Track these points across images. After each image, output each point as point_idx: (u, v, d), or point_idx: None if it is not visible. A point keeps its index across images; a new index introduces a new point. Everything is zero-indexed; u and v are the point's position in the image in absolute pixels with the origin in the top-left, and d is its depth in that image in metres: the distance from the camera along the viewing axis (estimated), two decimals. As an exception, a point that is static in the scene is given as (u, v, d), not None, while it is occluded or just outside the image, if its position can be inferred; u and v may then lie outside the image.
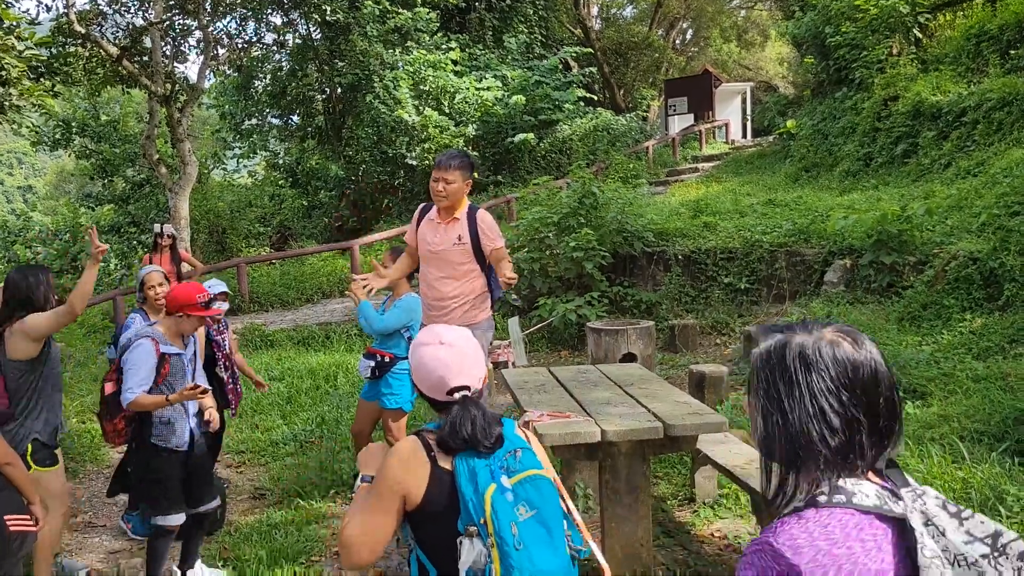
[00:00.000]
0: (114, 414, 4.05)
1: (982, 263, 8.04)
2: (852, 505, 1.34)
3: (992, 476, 4.47)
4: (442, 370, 2.14)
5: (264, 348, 11.42)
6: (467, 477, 2.02)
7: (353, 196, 22.17)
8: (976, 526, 1.30)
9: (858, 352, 1.41)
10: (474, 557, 1.95)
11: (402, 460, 2.07)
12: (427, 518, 2.06)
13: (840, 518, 1.33)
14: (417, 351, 2.20)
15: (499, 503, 1.98)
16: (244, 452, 7.04)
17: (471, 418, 2.08)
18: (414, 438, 2.12)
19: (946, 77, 14.57)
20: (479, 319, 4.83)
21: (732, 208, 13.07)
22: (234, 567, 4.57)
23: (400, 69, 20.38)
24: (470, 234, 4.75)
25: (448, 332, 2.22)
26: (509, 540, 1.94)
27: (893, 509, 1.33)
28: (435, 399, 2.18)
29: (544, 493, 2.09)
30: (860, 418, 1.38)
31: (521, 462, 2.10)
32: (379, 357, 5.38)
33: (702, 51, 33.53)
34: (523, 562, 1.95)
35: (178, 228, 16.15)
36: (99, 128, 22.27)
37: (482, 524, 1.96)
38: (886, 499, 1.34)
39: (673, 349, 9.65)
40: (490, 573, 1.94)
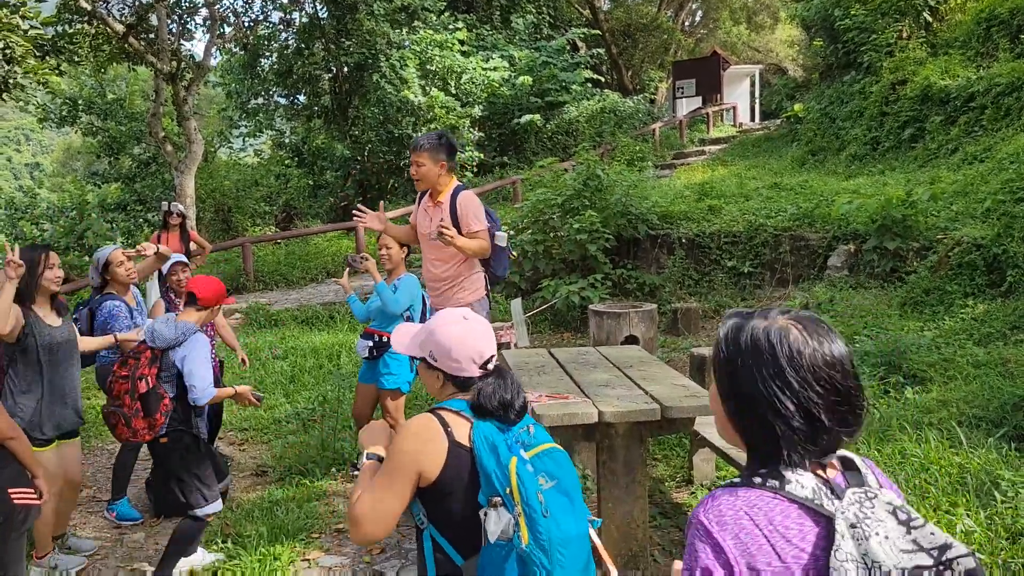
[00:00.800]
0: (154, 409, 3.94)
1: (986, 249, 8.03)
2: (784, 492, 1.36)
3: (988, 462, 4.49)
4: (480, 342, 2.19)
5: (268, 327, 11.48)
6: (488, 451, 2.05)
7: (359, 176, 22.17)
8: (925, 536, 1.29)
9: (808, 340, 1.40)
10: (502, 527, 1.98)
11: (418, 437, 2.09)
12: (443, 494, 2.07)
13: (768, 502, 1.36)
14: (440, 332, 2.20)
15: (524, 474, 2.03)
16: (247, 430, 7.10)
17: (509, 384, 2.16)
18: (428, 415, 2.14)
19: (955, 61, 14.49)
20: (469, 300, 4.87)
21: (737, 192, 13.05)
22: (235, 543, 4.62)
23: (407, 49, 20.31)
24: (451, 217, 4.80)
25: (462, 311, 2.27)
26: (537, 508, 1.99)
27: (824, 506, 1.34)
28: (466, 376, 2.19)
29: (562, 464, 2.15)
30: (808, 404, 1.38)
31: (535, 437, 2.16)
32: (377, 337, 5.41)
33: (711, 33, 33.30)
34: (551, 528, 2.00)
35: (184, 207, 16.19)
36: (105, 106, 22.29)
37: (508, 494, 2.00)
38: (822, 495, 1.35)
39: (675, 332, 9.67)
40: (518, 540, 1.98)
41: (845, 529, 1.29)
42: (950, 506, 4.12)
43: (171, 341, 3.99)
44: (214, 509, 4.16)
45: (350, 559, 4.48)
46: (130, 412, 3.93)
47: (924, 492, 4.31)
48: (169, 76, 16.49)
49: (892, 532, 1.29)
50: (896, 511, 1.32)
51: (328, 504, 5.25)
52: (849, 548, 1.28)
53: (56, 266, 4.28)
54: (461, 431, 2.10)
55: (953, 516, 4.00)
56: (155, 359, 3.99)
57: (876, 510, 1.32)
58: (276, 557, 4.39)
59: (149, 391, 3.93)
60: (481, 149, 20.47)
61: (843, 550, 1.28)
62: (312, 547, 4.63)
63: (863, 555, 1.27)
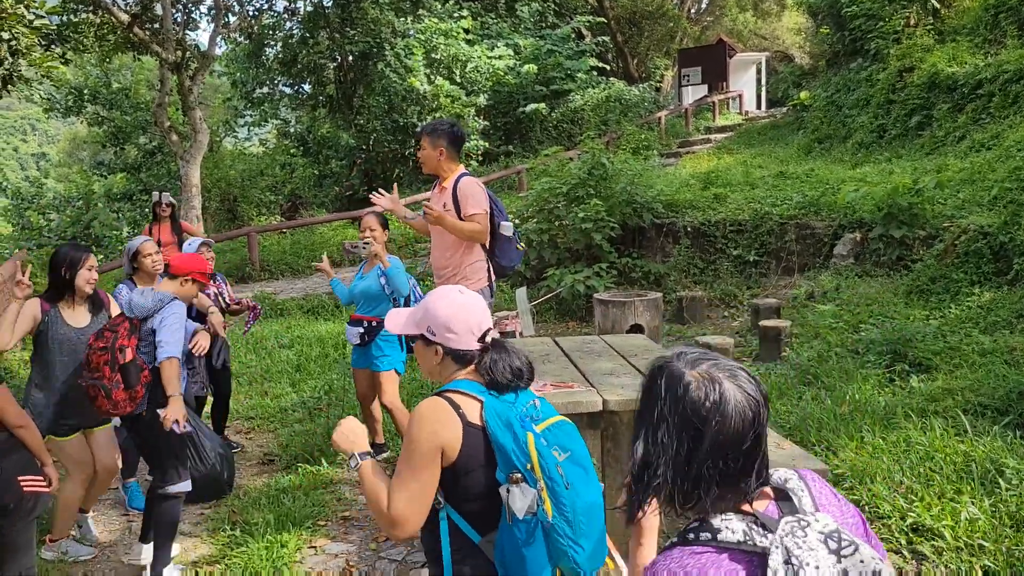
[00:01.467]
0: (135, 380, 3.88)
1: (992, 237, 8.00)
2: (716, 543, 1.36)
3: (993, 449, 4.50)
4: (471, 314, 2.20)
5: (274, 316, 11.51)
6: (503, 428, 2.07)
7: (364, 165, 22.15)
8: (855, 564, 1.27)
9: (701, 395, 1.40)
10: (528, 502, 2.01)
11: (432, 417, 2.10)
12: (460, 474, 2.09)
13: (701, 557, 1.35)
14: (436, 308, 2.22)
15: (541, 448, 2.05)
16: (253, 418, 7.13)
17: (511, 354, 2.18)
18: (436, 398, 2.15)
19: (963, 48, 14.40)
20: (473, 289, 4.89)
21: (743, 180, 13.01)
22: (243, 530, 4.65)
23: (411, 37, 20.26)
24: (453, 202, 4.85)
25: (456, 287, 2.30)
26: (559, 480, 2.03)
27: (757, 543, 1.33)
28: (468, 348, 2.20)
29: (572, 436, 2.18)
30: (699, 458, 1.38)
31: (541, 411, 2.17)
32: (366, 323, 5.44)
33: (717, 20, 33.10)
34: (574, 499, 2.04)
35: (189, 196, 16.22)
36: (111, 95, 22.31)
37: (528, 470, 2.03)
38: (753, 533, 1.35)
39: (681, 321, 9.67)
40: (543, 514, 2.02)
41: (779, 565, 1.28)
42: (955, 494, 4.13)
43: (147, 310, 3.95)
44: (184, 488, 4.08)
45: (356, 546, 4.51)
46: (110, 384, 3.85)
47: (929, 480, 4.32)
48: (174, 65, 16.48)
49: (823, 562, 1.27)
50: (827, 539, 1.30)
51: (334, 492, 5.27)
52: None
53: (93, 268, 4.37)
54: (472, 412, 2.11)
55: (958, 504, 4.01)
56: (134, 329, 3.93)
57: (808, 538, 1.30)
58: (283, 545, 4.42)
59: (129, 363, 3.86)
60: (486, 138, 20.44)
61: None
62: (319, 535, 4.66)
63: None
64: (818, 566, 1.27)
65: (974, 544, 3.74)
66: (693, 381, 1.41)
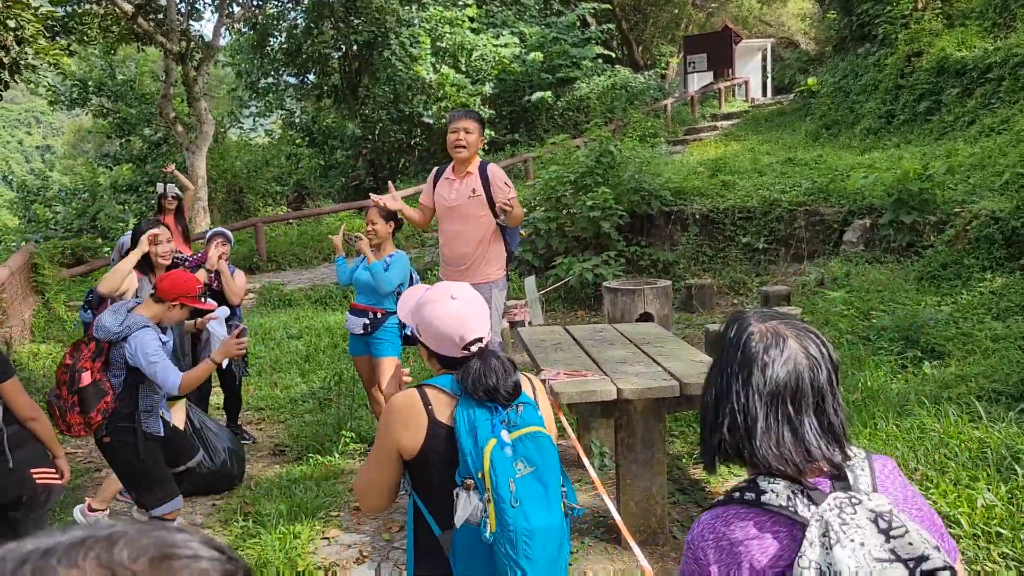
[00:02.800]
0: (91, 406, 3.67)
1: (1004, 222, 7.94)
2: (759, 504, 1.37)
3: (1009, 436, 4.46)
4: (459, 323, 2.12)
5: (282, 307, 11.51)
6: (467, 430, 2.01)
7: (370, 155, 22.13)
8: (903, 546, 1.26)
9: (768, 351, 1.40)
10: (470, 511, 1.97)
11: (396, 416, 2.10)
12: (425, 468, 2.09)
13: (744, 516, 1.38)
14: (426, 308, 2.16)
15: (498, 459, 1.98)
16: (264, 409, 7.13)
17: (493, 368, 2.08)
18: (412, 391, 2.13)
19: (972, 32, 14.29)
20: (494, 276, 4.94)
21: (751, 167, 12.95)
22: (256, 521, 4.65)
23: (417, 26, 20.18)
24: (483, 186, 4.92)
25: (457, 288, 2.20)
26: (506, 497, 1.95)
27: (799, 512, 1.34)
28: (449, 355, 2.16)
29: (544, 450, 2.09)
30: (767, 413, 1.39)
31: (522, 417, 2.10)
32: (371, 314, 5.43)
33: (722, 7, 32.89)
34: (518, 519, 1.95)
35: (196, 187, 16.20)
36: (116, 87, 22.29)
37: (480, 478, 1.97)
38: (796, 501, 1.35)
39: (690, 309, 9.63)
40: (485, 527, 1.95)
41: (815, 536, 1.29)
42: (970, 480, 4.10)
43: (113, 335, 3.70)
44: (171, 508, 3.93)
45: (369, 537, 4.50)
46: (65, 405, 3.69)
47: (944, 467, 4.29)
48: (179, 56, 16.46)
49: (869, 539, 1.27)
50: (878, 519, 1.29)
51: (345, 483, 5.26)
52: (814, 555, 1.27)
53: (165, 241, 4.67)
54: (443, 409, 2.09)
55: (973, 491, 3.98)
56: (100, 352, 3.72)
57: (856, 516, 1.30)
58: (296, 535, 4.42)
59: (88, 386, 3.67)
60: (492, 127, 20.37)
61: (807, 557, 1.27)
62: (331, 525, 4.66)
63: (828, 564, 1.26)
64: (863, 543, 1.26)
65: (991, 531, 3.71)
66: (757, 332, 1.43)
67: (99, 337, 3.75)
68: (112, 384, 3.76)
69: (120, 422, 3.78)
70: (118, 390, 3.77)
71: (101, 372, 3.73)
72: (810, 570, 1.26)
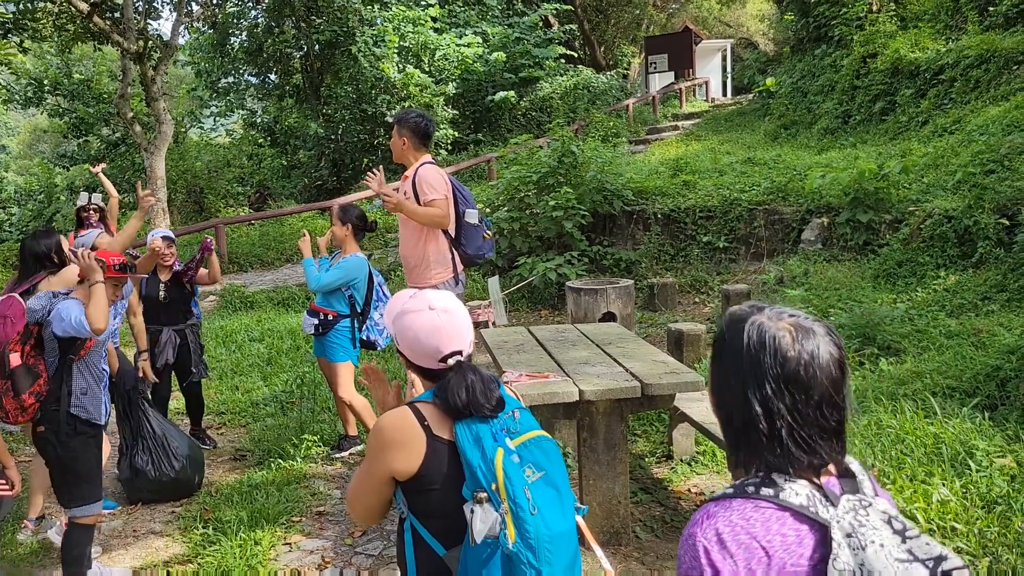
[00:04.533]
0: (23, 387, 3.60)
1: (957, 221, 8.11)
2: (778, 501, 1.34)
3: (963, 431, 4.56)
4: (434, 337, 2.07)
5: (244, 309, 11.38)
6: (472, 443, 1.96)
7: (332, 155, 21.97)
8: (920, 546, 1.27)
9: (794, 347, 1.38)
10: (489, 525, 1.89)
11: (389, 437, 2.01)
12: (424, 488, 2.00)
13: (764, 512, 1.34)
14: (404, 318, 2.11)
15: (510, 467, 1.93)
16: (224, 413, 7.05)
17: (467, 384, 2.02)
18: (404, 410, 2.05)
19: (925, 34, 14.58)
20: (435, 280, 4.84)
21: (711, 167, 13.07)
22: (215, 529, 4.60)
23: (380, 25, 20.09)
24: (414, 190, 4.86)
25: (437, 297, 2.14)
26: (524, 505, 1.90)
27: (819, 513, 1.32)
28: (426, 367, 2.11)
29: (550, 454, 2.06)
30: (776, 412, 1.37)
31: (521, 423, 2.07)
32: (322, 315, 5.44)
33: (683, 8, 33.17)
34: (539, 527, 1.90)
35: (155, 188, 15.97)
36: (72, 86, 21.89)
37: (493, 490, 1.91)
38: (816, 502, 1.34)
39: (652, 308, 9.70)
40: (505, 539, 1.89)
41: (841, 538, 1.28)
42: (926, 476, 4.18)
43: (39, 312, 3.63)
44: (90, 511, 3.79)
45: (332, 542, 4.47)
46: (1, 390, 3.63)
47: (900, 463, 4.37)
48: (136, 56, 16.20)
49: (887, 541, 1.27)
50: (891, 520, 1.30)
51: (308, 487, 5.23)
52: (847, 558, 1.26)
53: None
54: (440, 423, 2.02)
55: (929, 486, 4.06)
56: (28, 335, 3.64)
57: (871, 518, 1.30)
58: (257, 542, 4.37)
59: (19, 367, 3.60)
60: (455, 127, 20.35)
61: (840, 560, 1.26)
62: (293, 531, 4.62)
63: (860, 565, 1.26)
64: (883, 544, 1.27)
65: (947, 526, 3.79)
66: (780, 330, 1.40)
67: (28, 320, 3.66)
68: (47, 364, 3.65)
69: (53, 406, 3.67)
70: (51, 371, 3.66)
71: (34, 356, 3.63)
72: (846, 572, 1.25)
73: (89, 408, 3.74)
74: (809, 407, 1.37)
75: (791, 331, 1.40)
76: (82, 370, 3.74)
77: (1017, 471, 4.08)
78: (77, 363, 3.72)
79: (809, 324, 1.41)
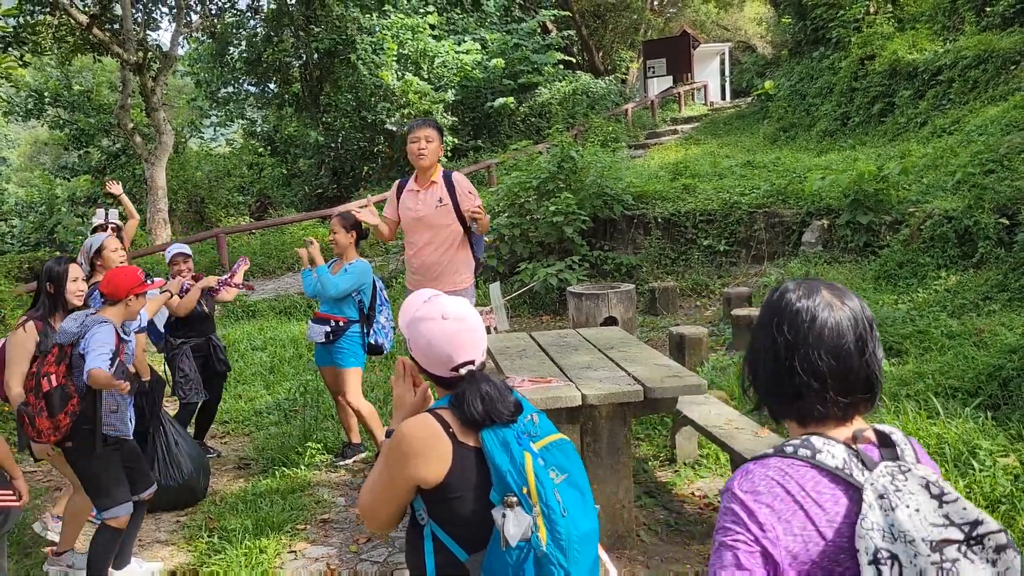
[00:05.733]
0: (58, 408, 3.72)
1: (957, 221, 8.12)
2: (815, 462, 1.40)
3: (965, 431, 4.57)
4: (447, 346, 2.06)
5: (246, 318, 11.41)
6: (500, 448, 1.95)
7: (332, 163, 22.01)
8: (957, 511, 1.30)
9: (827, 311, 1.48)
10: (523, 529, 1.89)
11: (414, 446, 1.98)
12: (449, 495, 1.98)
13: (800, 470, 1.40)
14: (418, 326, 2.09)
15: (539, 471, 1.94)
16: (228, 422, 7.06)
17: (481, 394, 2.00)
18: (427, 417, 2.02)
19: (922, 35, 14.61)
20: (463, 285, 4.98)
21: (711, 170, 13.10)
22: (221, 537, 4.61)
23: (378, 33, 20.15)
24: (450, 196, 4.96)
25: (451, 305, 2.12)
26: (556, 507, 1.92)
27: (854, 476, 1.37)
28: (439, 375, 2.10)
29: (571, 456, 2.07)
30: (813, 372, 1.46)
31: (540, 427, 2.07)
32: (333, 322, 5.45)
33: (680, 12, 33.23)
34: (569, 528, 1.93)
35: (155, 199, 16.02)
36: (72, 98, 21.94)
37: (524, 494, 1.91)
38: (852, 465, 1.39)
39: (654, 312, 9.72)
40: (537, 541, 1.89)
41: (873, 499, 1.32)
42: (929, 476, 4.18)
43: (73, 336, 3.78)
44: (120, 512, 3.93)
45: (337, 549, 4.48)
46: (34, 411, 3.75)
47: (903, 463, 4.37)
48: (136, 67, 16.25)
49: (924, 505, 1.31)
50: (929, 485, 1.34)
51: (312, 495, 5.24)
52: (876, 518, 1.31)
53: (78, 279, 4.34)
54: (465, 430, 2.00)
55: (932, 486, 4.06)
56: (63, 356, 3.78)
57: (909, 483, 1.34)
58: (262, 550, 4.38)
59: (53, 389, 3.72)
60: (455, 133, 20.38)
61: (869, 519, 1.31)
62: (298, 539, 4.62)
63: (890, 526, 1.30)
64: (919, 508, 1.31)
65: (949, 525, 3.79)
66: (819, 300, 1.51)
67: (61, 341, 3.81)
68: (77, 387, 3.75)
69: (83, 424, 3.80)
70: (82, 392, 3.76)
71: (66, 376, 3.75)
72: (874, 531, 1.30)
73: (118, 426, 3.92)
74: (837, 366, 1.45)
75: (826, 298, 1.49)
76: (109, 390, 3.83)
77: (1021, 470, 4.09)
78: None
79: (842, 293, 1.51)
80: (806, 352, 1.46)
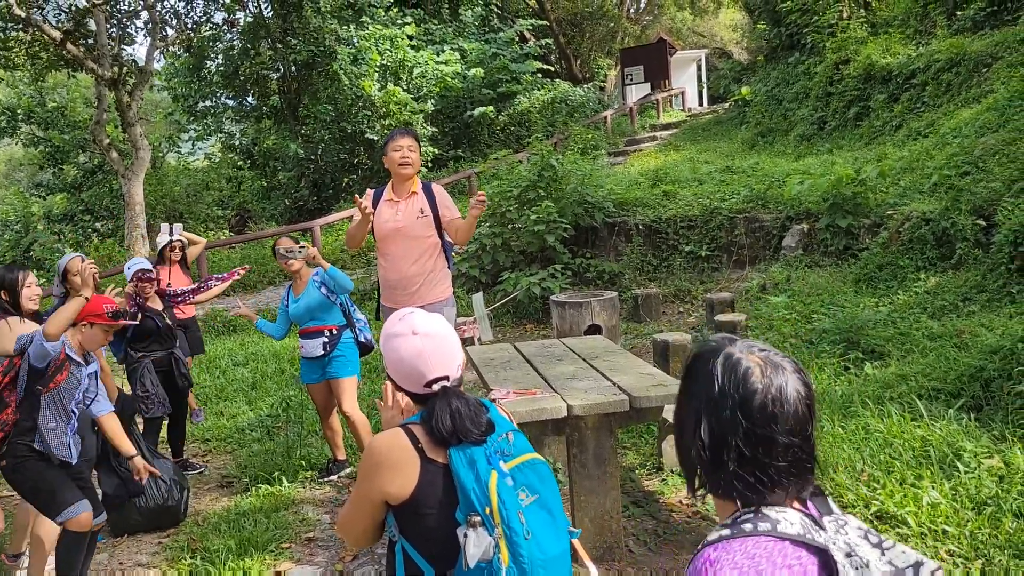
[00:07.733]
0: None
1: (934, 223, 8.18)
2: (776, 533, 1.32)
3: (949, 433, 4.58)
4: (418, 362, 2.03)
5: (227, 333, 11.32)
6: (466, 466, 1.93)
7: (313, 175, 21.91)
8: (898, 556, 1.28)
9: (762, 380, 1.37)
10: (482, 550, 1.86)
11: (382, 460, 1.97)
12: (417, 512, 1.96)
13: (765, 547, 1.32)
14: (390, 342, 2.07)
15: (504, 491, 1.91)
16: (210, 440, 6.98)
17: (451, 411, 1.99)
18: (398, 431, 2.01)
19: (895, 39, 14.75)
20: (443, 296, 4.92)
21: (691, 176, 13.15)
22: (203, 558, 4.54)
23: (357, 43, 20.12)
24: (430, 207, 4.87)
25: (422, 321, 2.09)
26: (519, 530, 1.88)
27: (816, 539, 1.32)
28: (413, 392, 2.09)
29: (543, 477, 2.03)
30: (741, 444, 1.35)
31: (515, 446, 2.04)
32: (328, 331, 5.42)
33: (656, 19, 33.44)
34: (533, 551, 1.88)
35: (133, 215, 15.87)
36: (46, 115, 21.75)
37: (487, 514, 1.89)
38: (809, 528, 1.33)
39: (637, 319, 9.72)
40: (498, 563, 1.87)
41: (842, 559, 1.27)
42: (915, 479, 4.19)
43: (23, 341, 3.77)
44: (75, 512, 3.81)
45: (322, 568, 4.42)
46: None
47: (889, 466, 4.38)
48: (111, 82, 16.12)
49: (870, 556, 1.28)
50: (868, 535, 1.31)
51: (297, 513, 5.17)
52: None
53: (33, 284, 4.32)
54: (435, 446, 1.99)
55: (919, 489, 4.07)
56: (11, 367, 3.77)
57: (850, 536, 1.31)
58: (246, 572, 4.32)
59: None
60: (435, 143, 20.37)
61: None
62: (282, 558, 4.56)
63: None
64: (867, 560, 1.28)
65: (938, 529, 3.80)
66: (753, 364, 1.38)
67: (14, 350, 3.79)
68: (17, 396, 3.71)
69: (18, 438, 3.74)
70: (19, 402, 3.71)
71: (8, 388, 3.73)
72: None
73: (56, 448, 3.78)
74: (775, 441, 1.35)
75: (761, 365, 1.38)
76: (50, 405, 3.76)
77: (1005, 471, 4.10)
78: (45, 396, 3.73)
79: (779, 360, 1.40)
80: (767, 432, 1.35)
